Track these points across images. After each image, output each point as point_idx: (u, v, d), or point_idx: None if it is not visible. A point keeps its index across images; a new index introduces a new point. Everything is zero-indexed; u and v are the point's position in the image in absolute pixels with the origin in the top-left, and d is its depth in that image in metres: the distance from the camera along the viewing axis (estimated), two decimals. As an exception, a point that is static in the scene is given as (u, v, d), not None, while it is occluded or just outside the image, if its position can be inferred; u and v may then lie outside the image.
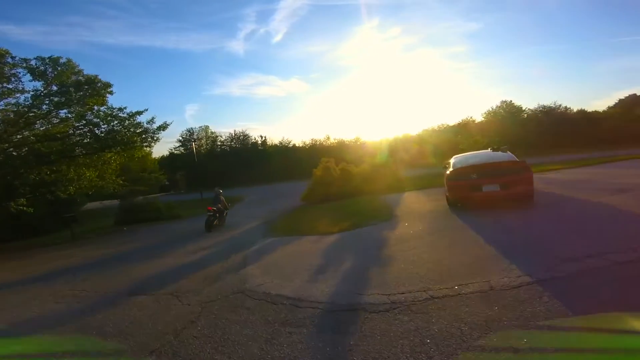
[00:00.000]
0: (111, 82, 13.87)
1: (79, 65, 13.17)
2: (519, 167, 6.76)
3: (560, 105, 46.99)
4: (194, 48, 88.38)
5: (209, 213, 10.37)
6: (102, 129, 14.01)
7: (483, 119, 46.80)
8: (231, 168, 44.95)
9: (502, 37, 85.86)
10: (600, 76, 74.88)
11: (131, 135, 14.08)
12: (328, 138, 49.09)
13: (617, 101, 51.52)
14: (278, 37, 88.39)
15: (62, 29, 78.18)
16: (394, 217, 7.65)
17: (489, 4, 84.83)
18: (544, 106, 46.74)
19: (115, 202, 22.31)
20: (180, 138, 51.23)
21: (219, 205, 10.77)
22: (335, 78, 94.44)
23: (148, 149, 17.55)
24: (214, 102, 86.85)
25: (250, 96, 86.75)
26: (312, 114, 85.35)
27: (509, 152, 7.74)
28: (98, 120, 13.83)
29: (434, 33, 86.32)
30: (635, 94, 55.70)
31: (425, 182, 14.51)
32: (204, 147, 51.81)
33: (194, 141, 31.35)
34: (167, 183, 60.03)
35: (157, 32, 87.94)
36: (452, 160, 8.16)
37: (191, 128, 52.34)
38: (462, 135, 21.67)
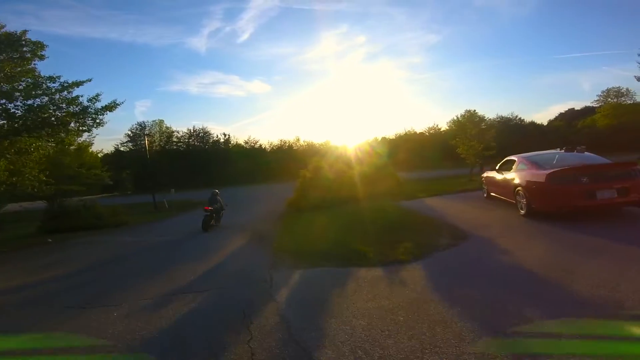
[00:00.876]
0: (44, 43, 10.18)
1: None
2: (634, 171, 5.19)
3: (516, 116, 50.16)
4: (152, 42, 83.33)
5: (205, 213, 10.31)
6: (20, 104, 10.17)
7: (448, 127, 48.17)
8: (189, 168, 40.31)
9: (458, 50, 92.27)
10: (540, 90, 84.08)
11: (63, 115, 10.42)
12: (298, 140, 46.54)
13: (557, 114, 57.60)
14: (244, 37, 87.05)
15: (8, 17, 66.94)
16: (468, 234, 5.55)
17: (449, 17, 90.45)
18: (502, 117, 49.53)
19: (42, 204, 17.63)
20: (129, 133, 45.05)
21: (216, 205, 10.75)
22: (299, 82, 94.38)
23: (87, 136, 13.68)
24: (168, 99, 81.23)
25: (209, 95, 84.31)
26: (274, 116, 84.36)
27: (589, 153, 6.28)
28: (17, 92, 9.98)
29: (396, 43, 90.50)
30: (573, 108, 63.45)
31: (433, 186, 12.87)
32: (157, 143, 46.13)
33: (147, 136, 26.93)
34: (111, 183, 53.25)
35: (114, 24, 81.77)
36: (524, 160, 6.46)
37: (143, 122, 46.25)
38: (460, 139, 20.91)
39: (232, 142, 45.83)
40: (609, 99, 55.62)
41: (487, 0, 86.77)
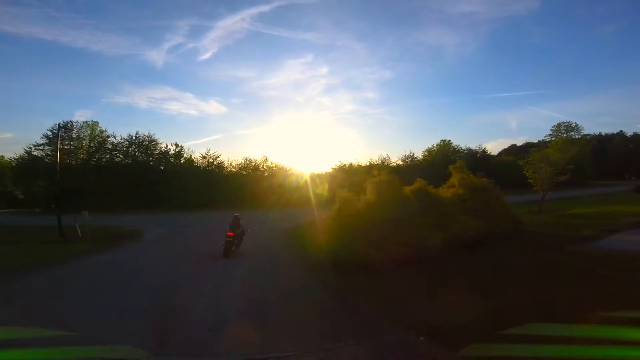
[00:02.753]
0: None
1: None
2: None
3: (482, 150, 51.55)
4: (105, 51, 76.29)
5: (228, 239, 10.13)
6: None
7: (422, 157, 47.05)
8: (125, 185, 32.09)
9: (408, 87, 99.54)
10: (475, 127, 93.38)
11: None
12: (266, 160, 40.74)
13: (500, 150, 62.94)
14: (206, 55, 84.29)
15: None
16: None
17: (404, 54, 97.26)
18: (470, 149, 50.60)
19: None
20: (49, 133, 34.90)
21: (238, 230, 10.58)
22: (257, 106, 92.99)
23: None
24: (113, 111, 73.64)
25: (159, 110, 77.94)
26: (227, 139, 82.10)
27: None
28: None
29: (354, 77, 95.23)
30: (515, 144, 70.29)
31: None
32: (86, 150, 37.08)
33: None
34: (22, 197, 40.14)
35: (69, 27, 73.49)
36: None
37: (70, 121, 35.75)
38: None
39: (184, 156, 38.39)
40: (560, 133, 60.59)
41: (437, 39, 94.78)
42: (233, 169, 39.09)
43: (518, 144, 71.39)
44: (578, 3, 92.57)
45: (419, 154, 47.53)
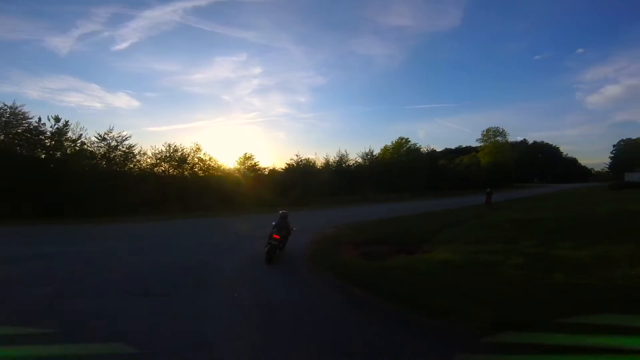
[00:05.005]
0: None
1: None
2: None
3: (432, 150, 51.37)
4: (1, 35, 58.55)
5: (272, 242, 8.63)
6: None
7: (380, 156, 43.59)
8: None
9: (339, 94, 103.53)
10: (393, 136, 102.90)
11: None
12: (198, 149, 30.98)
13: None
14: (122, 46, 75.76)
15: None
16: None
17: (338, 61, 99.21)
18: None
19: None
20: None
21: (283, 232, 9.05)
22: (177, 102, 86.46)
23: None
24: None
25: (53, 102, 65.82)
26: (137, 136, 69.86)
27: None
28: None
29: (289, 80, 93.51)
30: (434, 149, 76.41)
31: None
32: None
33: None
34: None
35: None
36: None
37: None
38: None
39: (70, 138, 24.11)
40: (490, 139, 64.89)
41: (369, 49, 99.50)
42: (149, 160, 28.43)
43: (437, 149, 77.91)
44: (487, 24, 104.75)
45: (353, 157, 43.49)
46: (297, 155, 37.10)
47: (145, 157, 28.19)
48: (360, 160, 40.60)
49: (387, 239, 11.41)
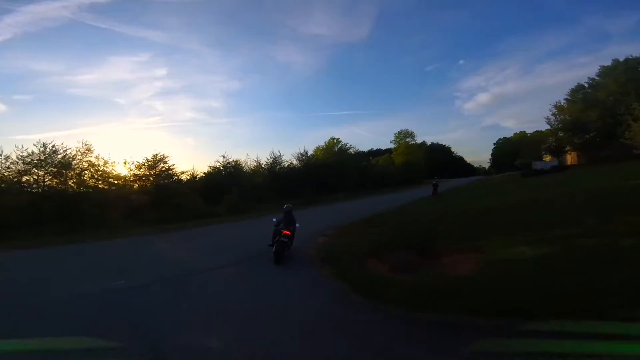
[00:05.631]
0: None
1: None
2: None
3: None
4: None
5: (281, 239, 7.73)
6: None
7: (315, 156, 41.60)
8: None
9: (254, 99, 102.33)
10: (305, 143, 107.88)
11: None
12: (88, 150, 23.17)
13: None
14: None
15: None
16: None
17: (256, 66, 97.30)
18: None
19: None
20: None
21: (291, 227, 8.24)
22: (58, 105, 75.51)
23: None
24: None
25: None
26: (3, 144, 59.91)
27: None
28: None
29: (200, 83, 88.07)
30: None
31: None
32: None
33: None
34: None
35: None
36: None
37: None
38: None
39: None
40: (402, 140, 70.40)
41: (287, 56, 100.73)
42: (14, 166, 19.83)
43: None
44: (390, 38, 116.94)
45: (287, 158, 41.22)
46: (223, 157, 32.06)
47: (8, 162, 19.53)
48: (295, 161, 37.92)
49: (395, 244, 9.05)
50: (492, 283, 4.85)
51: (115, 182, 24.20)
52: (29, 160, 20.17)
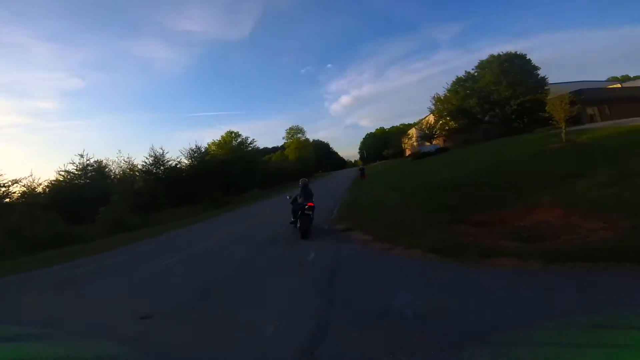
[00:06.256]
0: None
1: None
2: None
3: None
4: None
5: (307, 212, 7.67)
6: None
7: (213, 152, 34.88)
8: None
9: (107, 99, 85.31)
10: (178, 144, 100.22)
11: None
12: None
13: None
14: None
15: None
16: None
17: (106, 62, 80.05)
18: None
19: None
20: None
21: (312, 200, 8.12)
22: None
23: None
24: None
25: None
26: None
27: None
28: None
29: (20, 82, 66.89)
30: None
31: None
32: None
33: None
34: None
35: None
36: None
37: None
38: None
39: None
40: (293, 136, 70.04)
41: (147, 52, 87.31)
42: None
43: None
44: (269, 39, 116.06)
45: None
46: (81, 156, 22.60)
47: None
48: (186, 160, 30.83)
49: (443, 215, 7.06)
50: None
51: None
52: None
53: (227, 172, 30.83)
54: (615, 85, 31.77)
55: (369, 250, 5.95)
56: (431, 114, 43.29)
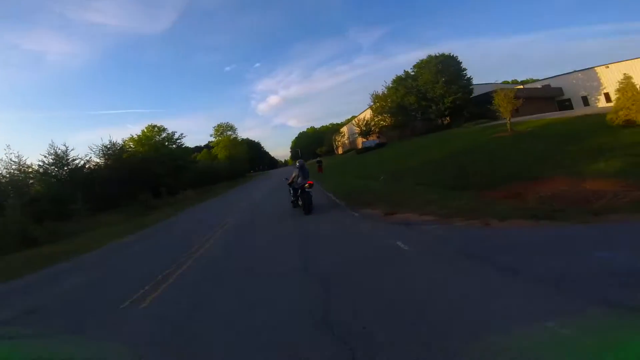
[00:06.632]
0: None
1: None
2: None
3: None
4: None
5: (307, 189, 8.48)
6: None
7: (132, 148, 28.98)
8: None
9: None
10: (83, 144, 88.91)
11: None
12: None
13: None
14: None
15: None
16: None
17: None
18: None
19: None
20: None
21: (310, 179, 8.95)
22: None
23: None
24: None
25: None
26: None
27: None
28: None
29: None
30: None
31: None
32: None
33: None
34: None
35: None
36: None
37: None
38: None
39: None
40: (222, 134, 64.83)
41: (38, 44, 72.90)
42: None
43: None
44: (190, 35, 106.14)
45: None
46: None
47: None
48: (98, 159, 25.22)
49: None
50: None
51: None
52: None
53: (154, 172, 26.42)
54: (519, 87, 37.80)
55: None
56: (367, 110, 45.04)
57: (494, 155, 12.95)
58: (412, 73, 36.96)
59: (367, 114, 44.48)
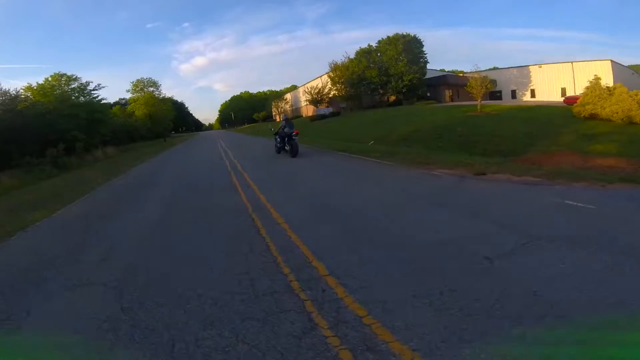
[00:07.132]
0: None
1: None
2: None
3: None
4: None
5: (294, 137, 10.55)
6: None
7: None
8: None
9: None
10: None
11: None
12: None
13: None
14: None
15: None
16: None
17: None
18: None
19: None
20: None
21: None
22: None
23: None
24: None
25: None
26: None
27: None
28: None
29: None
30: None
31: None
32: None
33: None
34: None
35: None
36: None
37: None
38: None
39: None
40: (141, 90, 54.63)
41: None
42: None
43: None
44: None
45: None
46: None
47: None
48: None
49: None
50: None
51: None
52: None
53: (63, 126, 20.47)
54: (460, 74, 40.55)
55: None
56: (318, 79, 42.97)
57: (484, 130, 13.01)
58: (375, 47, 36.77)
59: (320, 82, 42.52)
